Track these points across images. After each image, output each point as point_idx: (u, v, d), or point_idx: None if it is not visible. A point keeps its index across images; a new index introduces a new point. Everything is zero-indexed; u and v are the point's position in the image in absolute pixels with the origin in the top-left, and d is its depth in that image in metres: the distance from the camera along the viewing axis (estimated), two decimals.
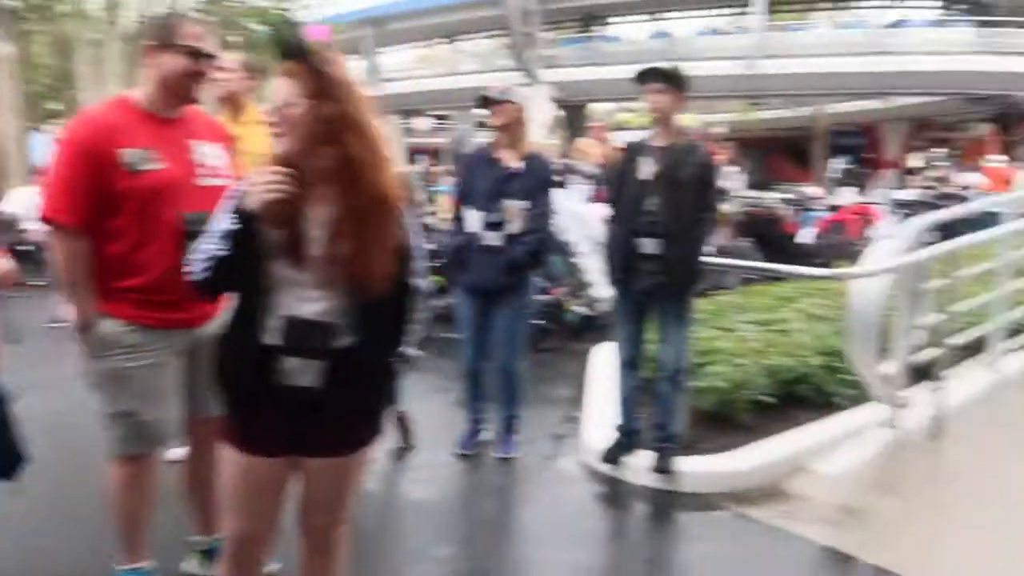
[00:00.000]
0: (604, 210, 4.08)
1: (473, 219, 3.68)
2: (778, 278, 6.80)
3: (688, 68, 3.46)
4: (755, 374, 3.94)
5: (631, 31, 27.90)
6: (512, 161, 3.67)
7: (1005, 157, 19.34)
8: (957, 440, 3.74)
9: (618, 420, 3.70)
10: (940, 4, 24.99)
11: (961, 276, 4.01)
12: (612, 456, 3.65)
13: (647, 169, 3.40)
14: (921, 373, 3.99)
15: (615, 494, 3.56)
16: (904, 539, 2.95)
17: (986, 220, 5.11)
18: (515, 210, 3.61)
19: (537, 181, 3.69)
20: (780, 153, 26.70)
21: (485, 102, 3.69)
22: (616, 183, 3.65)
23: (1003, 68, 21.45)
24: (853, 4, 25.91)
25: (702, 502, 3.36)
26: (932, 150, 29.06)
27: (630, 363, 3.64)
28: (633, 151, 3.54)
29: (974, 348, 4.67)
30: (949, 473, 3.43)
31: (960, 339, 4.21)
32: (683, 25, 26.96)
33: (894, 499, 3.28)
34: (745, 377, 3.89)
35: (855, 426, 3.86)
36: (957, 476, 3.37)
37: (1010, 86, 22.26)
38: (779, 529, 3.10)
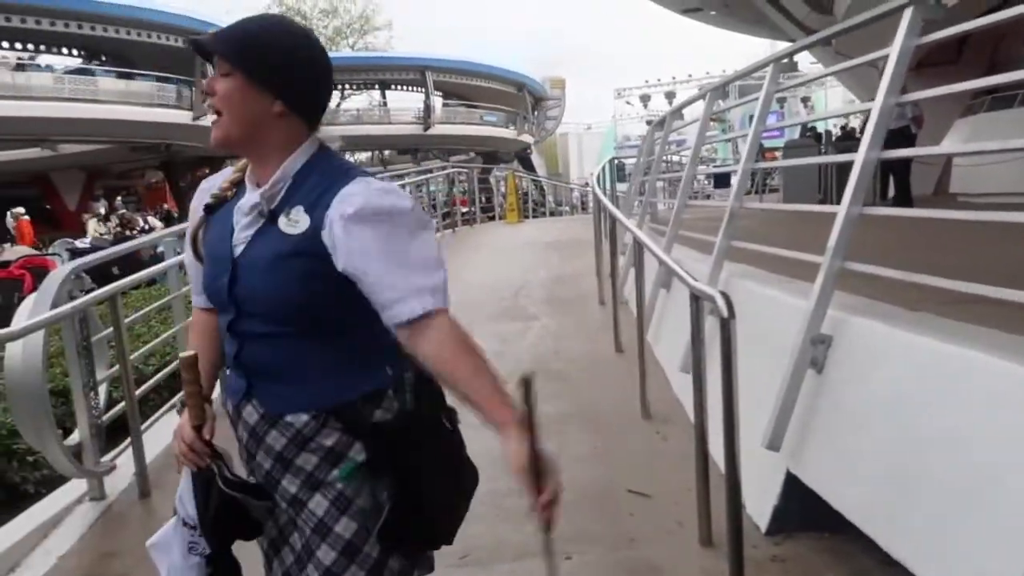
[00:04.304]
0: None
1: None
2: None
3: None
4: None
5: None
6: None
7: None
8: (169, 491, 3.54)
9: None
10: (79, 53, 24.92)
11: (135, 319, 3.80)
12: None
13: None
14: (120, 430, 3.67)
15: None
16: None
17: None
18: None
19: None
20: None
21: None
22: None
23: (157, 119, 22.86)
24: None
25: None
26: (118, 198, 29.50)
27: None
28: None
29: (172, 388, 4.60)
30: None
31: (147, 385, 4.04)
32: None
33: None
34: None
35: (57, 511, 3.29)
36: None
37: (169, 136, 24.01)
38: None
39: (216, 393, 1.60)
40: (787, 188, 9.81)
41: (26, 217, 16.45)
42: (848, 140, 10.36)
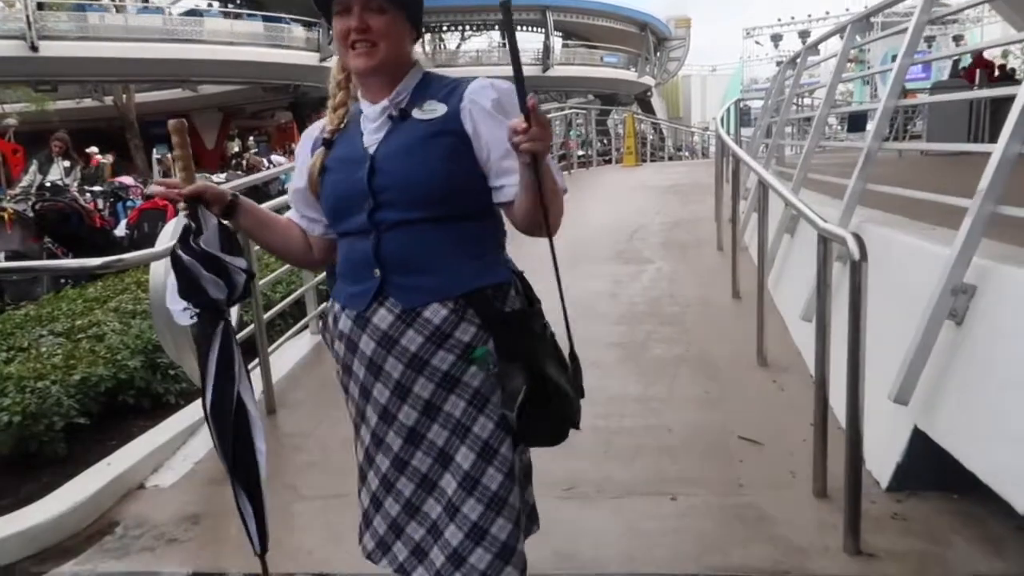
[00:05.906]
0: None
1: None
2: (95, 277, 6.07)
3: None
4: (60, 395, 3.24)
5: None
6: None
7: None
8: (292, 409, 3.75)
9: None
10: None
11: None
12: None
13: None
14: (249, 351, 3.89)
15: None
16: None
17: None
18: None
19: None
20: (91, 144, 24.64)
21: None
22: None
23: (288, 60, 23.71)
24: None
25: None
26: (251, 138, 31.01)
27: None
28: None
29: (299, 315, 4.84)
30: (289, 445, 3.39)
31: (274, 311, 4.25)
32: None
33: None
34: (47, 402, 3.17)
35: (194, 421, 3.55)
36: (297, 447, 3.34)
37: (298, 77, 24.86)
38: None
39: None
40: (932, 133, 9.05)
41: (109, 157, 17.89)
42: (1008, 81, 9.43)
